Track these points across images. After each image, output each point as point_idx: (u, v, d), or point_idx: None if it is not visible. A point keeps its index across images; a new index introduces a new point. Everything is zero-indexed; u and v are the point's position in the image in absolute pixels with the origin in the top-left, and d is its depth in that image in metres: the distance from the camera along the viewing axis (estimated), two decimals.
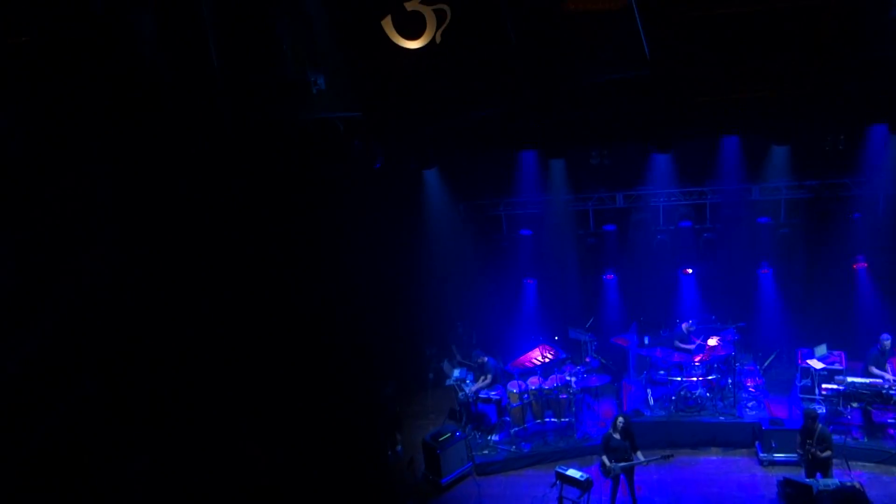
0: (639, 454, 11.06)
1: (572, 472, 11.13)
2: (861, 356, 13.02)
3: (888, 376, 12.34)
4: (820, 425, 10.91)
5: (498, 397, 13.58)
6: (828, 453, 10.78)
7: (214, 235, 8.66)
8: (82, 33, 7.39)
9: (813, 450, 10.79)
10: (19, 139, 6.66)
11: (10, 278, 6.11)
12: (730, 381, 13.34)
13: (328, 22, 8.70)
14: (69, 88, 7.31)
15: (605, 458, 11.16)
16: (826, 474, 10.88)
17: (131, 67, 7.83)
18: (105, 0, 7.52)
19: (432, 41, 8.29)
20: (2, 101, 6.58)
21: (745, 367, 14.05)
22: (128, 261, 7.80)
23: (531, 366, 13.89)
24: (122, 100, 7.81)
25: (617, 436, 11.09)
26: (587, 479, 10.98)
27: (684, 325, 14.05)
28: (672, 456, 11.63)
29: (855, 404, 12.40)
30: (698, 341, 13.76)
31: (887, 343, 12.58)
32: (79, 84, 7.39)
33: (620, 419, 11.13)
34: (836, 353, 13.34)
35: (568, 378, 13.31)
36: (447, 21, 8.22)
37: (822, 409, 12.65)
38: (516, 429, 13.24)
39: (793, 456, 12.03)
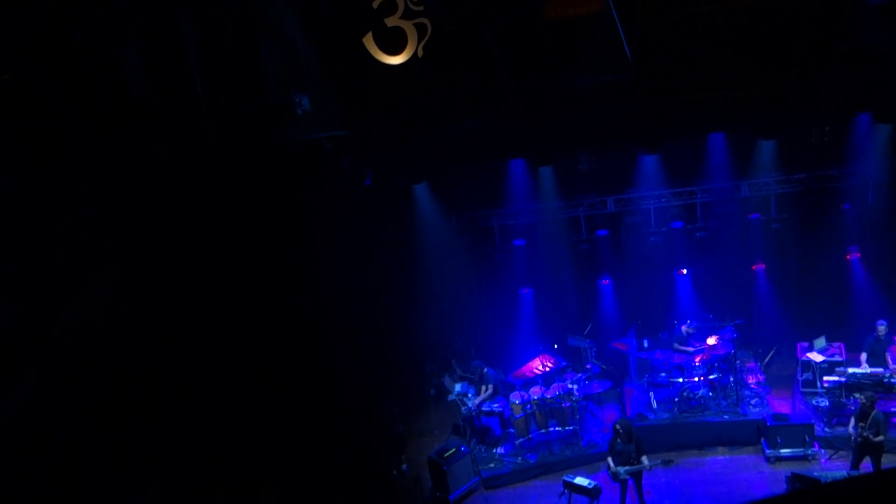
0: (644, 459, 10.99)
1: (580, 481, 11.06)
2: (860, 346, 13.02)
3: (866, 367, 12.35)
4: (875, 410, 10.95)
5: (501, 409, 13.49)
6: (880, 438, 10.82)
7: (207, 263, 8.60)
8: (65, 68, 7.36)
9: (866, 433, 10.81)
10: (9, 179, 6.61)
11: (6, 318, 6.05)
12: (731, 379, 13.31)
13: (309, 43, 8.68)
14: (55, 124, 7.26)
15: (610, 462, 11.10)
16: (877, 459, 10.94)
17: (116, 99, 7.80)
18: (86, 33, 7.50)
19: (414, 55, 8.31)
20: None
21: (746, 365, 14.03)
22: (124, 295, 7.74)
23: (532, 375, 13.81)
24: (109, 132, 7.77)
25: (620, 440, 11.03)
26: (595, 487, 10.91)
27: (683, 328, 14.03)
28: (672, 461, 11.54)
29: (857, 395, 12.36)
30: (698, 345, 13.73)
31: (882, 329, 12.63)
32: (64, 119, 7.35)
33: (618, 424, 11.08)
34: (835, 344, 13.33)
35: (570, 386, 13.25)
36: (428, 34, 8.24)
37: (825, 402, 12.63)
38: (521, 440, 13.16)
39: (799, 451, 12.01)
